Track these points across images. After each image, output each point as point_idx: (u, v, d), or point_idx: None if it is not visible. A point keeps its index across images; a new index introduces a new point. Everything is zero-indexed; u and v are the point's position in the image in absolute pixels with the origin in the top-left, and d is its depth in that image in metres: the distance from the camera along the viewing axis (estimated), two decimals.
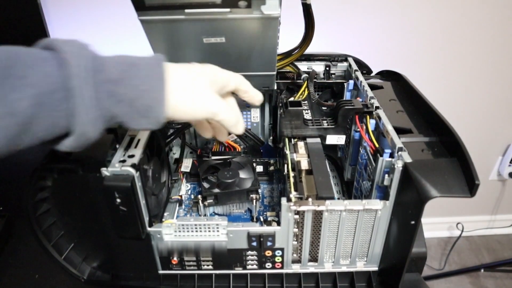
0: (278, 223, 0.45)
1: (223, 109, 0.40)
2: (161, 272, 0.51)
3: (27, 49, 0.31)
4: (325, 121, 0.53)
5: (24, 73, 0.29)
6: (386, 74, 0.68)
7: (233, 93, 0.45)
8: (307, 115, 0.55)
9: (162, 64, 0.36)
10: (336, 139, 0.52)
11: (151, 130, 0.46)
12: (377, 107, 0.51)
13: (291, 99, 0.58)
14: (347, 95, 0.65)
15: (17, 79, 0.29)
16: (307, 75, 0.63)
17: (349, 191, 0.63)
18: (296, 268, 0.50)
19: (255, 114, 0.68)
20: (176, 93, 0.36)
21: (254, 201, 0.54)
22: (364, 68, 0.68)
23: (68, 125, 0.32)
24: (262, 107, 0.67)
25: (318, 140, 0.52)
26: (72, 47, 0.31)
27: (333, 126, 0.52)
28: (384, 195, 0.46)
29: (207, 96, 0.39)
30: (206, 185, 0.55)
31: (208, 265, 0.50)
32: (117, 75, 0.33)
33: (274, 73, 0.54)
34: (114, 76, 0.33)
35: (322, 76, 0.68)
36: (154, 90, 0.35)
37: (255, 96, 0.46)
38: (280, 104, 0.54)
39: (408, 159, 0.40)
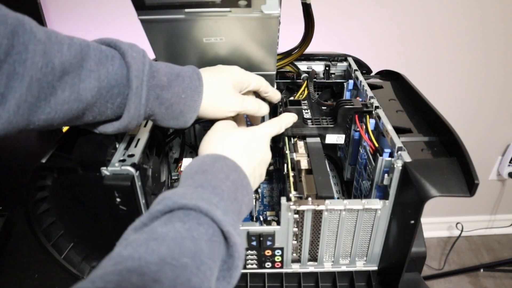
0: (278, 223, 0.45)
1: (245, 103, 0.45)
2: None
3: (97, 45, 0.35)
4: (324, 121, 0.53)
5: (94, 67, 0.34)
6: (385, 74, 0.68)
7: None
8: (307, 115, 0.55)
9: (201, 78, 0.42)
10: (335, 138, 0.52)
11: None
12: (376, 107, 0.51)
13: (291, 98, 0.58)
14: (346, 95, 0.65)
15: (88, 72, 0.34)
16: (307, 74, 0.63)
17: (348, 191, 0.63)
18: (295, 268, 0.50)
19: None
20: (206, 100, 0.42)
21: (254, 200, 0.54)
22: (364, 68, 0.68)
23: (115, 115, 0.37)
24: None
25: (317, 139, 0.52)
26: (137, 54, 0.37)
27: (332, 126, 0.52)
28: (383, 195, 0.46)
29: (231, 98, 0.44)
30: None
31: None
32: (165, 82, 0.39)
33: (274, 72, 0.54)
34: (163, 83, 0.39)
35: (322, 75, 0.68)
36: (191, 99, 0.41)
37: (274, 96, 0.52)
38: (280, 104, 0.55)
39: (408, 159, 0.40)
